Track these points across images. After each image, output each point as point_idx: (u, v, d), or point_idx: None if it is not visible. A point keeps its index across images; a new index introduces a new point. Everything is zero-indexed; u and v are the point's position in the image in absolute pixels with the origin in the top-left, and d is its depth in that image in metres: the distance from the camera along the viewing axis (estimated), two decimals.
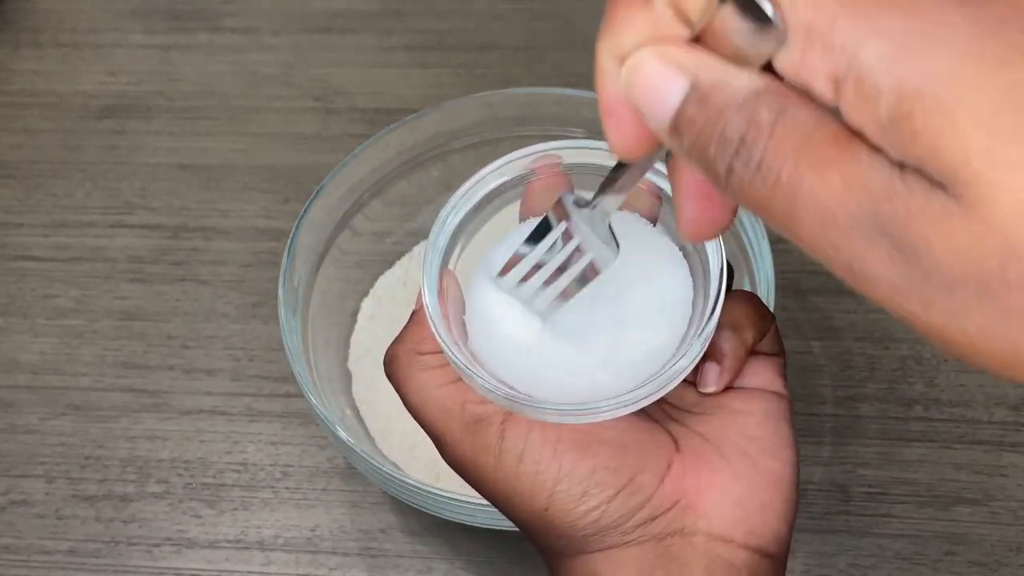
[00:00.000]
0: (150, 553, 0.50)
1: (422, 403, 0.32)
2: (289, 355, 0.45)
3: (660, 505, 0.30)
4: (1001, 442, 0.50)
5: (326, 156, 0.63)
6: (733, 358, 0.32)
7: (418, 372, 0.32)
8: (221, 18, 0.73)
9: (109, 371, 0.56)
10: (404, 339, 0.33)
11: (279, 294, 0.47)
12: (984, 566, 0.47)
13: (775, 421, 0.32)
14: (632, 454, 0.30)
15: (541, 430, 0.30)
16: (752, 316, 0.33)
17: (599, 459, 0.30)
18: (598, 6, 0.76)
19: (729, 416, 0.32)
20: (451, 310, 0.32)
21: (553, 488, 0.30)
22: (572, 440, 0.30)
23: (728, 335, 0.32)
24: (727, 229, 0.25)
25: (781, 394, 0.33)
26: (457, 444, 0.31)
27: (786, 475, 0.31)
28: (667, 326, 0.31)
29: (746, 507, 0.30)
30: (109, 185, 0.64)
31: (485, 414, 0.31)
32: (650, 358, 0.31)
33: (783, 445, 0.32)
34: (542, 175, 0.34)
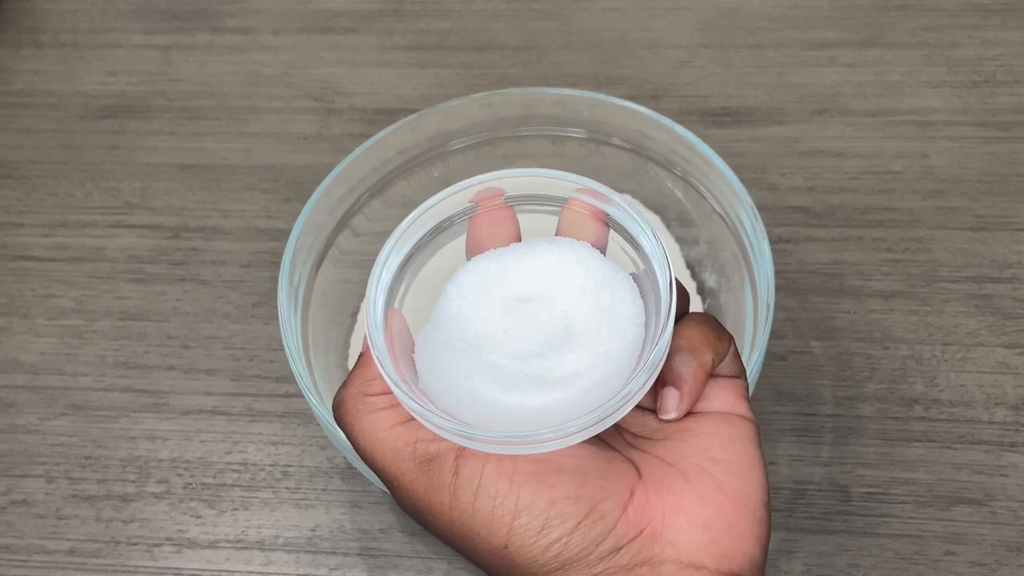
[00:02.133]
0: (150, 553, 0.50)
1: (372, 446, 0.31)
2: (289, 355, 0.45)
3: (625, 534, 0.29)
4: (1001, 442, 0.50)
5: (326, 156, 0.63)
6: (692, 382, 0.31)
7: (367, 415, 0.31)
8: (221, 18, 0.73)
9: (109, 371, 0.56)
10: (351, 382, 0.32)
11: (279, 294, 0.47)
12: (984, 566, 0.47)
13: (741, 442, 0.31)
14: (593, 483, 0.29)
15: (496, 463, 0.29)
16: (709, 337, 0.32)
17: (558, 489, 0.29)
18: (598, 6, 0.76)
19: (692, 440, 0.31)
20: (399, 348, 0.31)
21: (512, 523, 0.29)
22: (529, 472, 0.29)
23: (686, 358, 0.31)
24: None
25: (745, 416, 0.32)
26: (411, 486, 0.30)
27: (754, 495, 0.30)
28: (619, 352, 0.30)
29: (714, 529, 0.29)
30: (109, 185, 0.64)
31: (438, 452, 0.30)
32: (603, 384, 0.30)
33: (750, 466, 0.30)
34: (485, 208, 0.34)
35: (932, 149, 0.61)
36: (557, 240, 0.33)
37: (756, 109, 0.64)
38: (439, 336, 0.31)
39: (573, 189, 0.33)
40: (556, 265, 0.32)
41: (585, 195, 0.33)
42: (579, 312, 0.31)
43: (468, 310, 0.32)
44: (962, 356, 0.53)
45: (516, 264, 0.32)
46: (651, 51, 0.68)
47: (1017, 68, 0.65)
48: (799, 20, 0.69)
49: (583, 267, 0.32)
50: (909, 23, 0.68)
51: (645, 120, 0.52)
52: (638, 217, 0.32)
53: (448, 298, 0.32)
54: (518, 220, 0.34)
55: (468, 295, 0.32)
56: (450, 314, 0.32)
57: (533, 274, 0.32)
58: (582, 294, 0.31)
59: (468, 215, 0.34)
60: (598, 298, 0.31)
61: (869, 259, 0.57)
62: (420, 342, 0.32)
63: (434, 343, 0.31)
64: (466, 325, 0.31)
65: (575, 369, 0.30)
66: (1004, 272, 0.56)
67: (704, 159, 0.50)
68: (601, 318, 0.31)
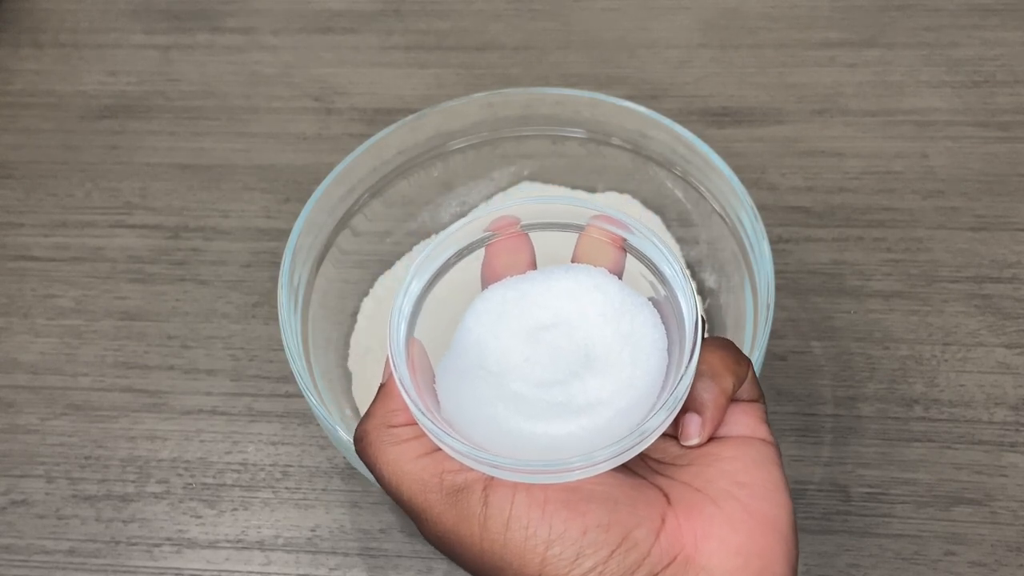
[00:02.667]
0: (150, 553, 0.50)
1: (398, 478, 0.30)
2: (289, 355, 0.45)
3: (659, 561, 0.29)
4: (1001, 442, 0.50)
5: (326, 156, 0.63)
6: (714, 407, 0.31)
7: (391, 447, 0.31)
8: (221, 18, 0.73)
9: (109, 371, 0.56)
10: (373, 414, 0.32)
11: (279, 294, 0.47)
12: (984, 566, 0.47)
13: (765, 466, 0.31)
14: (624, 510, 0.29)
15: (527, 492, 0.29)
16: (729, 363, 0.32)
17: (590, 518, 0.29)
18: (598, 6, 0.76)
19: (717, 464, 0.31)
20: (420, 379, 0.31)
21: (545, 552, 0.28)
22: (560, 500, 0.29)
23: (707, 384, 0.31)
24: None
25: (767, 440, 0.32)
26: (439, 518, 0.30)
27: (782, 518, 0.30)
28: (642, 378, 0.30)
29: (745, 554, 0.29)
30: (109, 185, 0.64)
31: (466, 482, 0.29)
32: (627, 412, 0.30)
33: (775, 489, 0.31)
34: (502, 236, 0.34)
35: (932, 149, 0.61)
36: (574, 267, 0.33)
37: (756, 109, 0.64)
38: (460, 366, 0.31)
39: (589, 216, 0.33)
40: (574, 292, 0.32)
41: (602, 221, 0.33)
42: (600, 338, 0.31)
43: (488, 339, 0.32)
44: (962, 356, 0.53)
45: (534, 291, 0.32)
46: (651, 51, 0.68)
47: (1017, 68, 0.65)
48: (799, 20, 0.69)
49: (602, 293, 0.32)
50: (909, 23, 0.68)
51: (645, 120, 0.52)
52: (659, 243, 0.32)
53: (467, 327, 0.32)
54: (534, 248, 0.34)
55: (487, 324, 0.32)
56: (470, 343, 0.32)
57: (552, 301, 0.32)
58: (602, 320, 0.31)
59: (485, 243, 0.34)
60: (618, 324, 0.31)
61: (869, 259, 0.57)
62: (441, 372, 0.32)
63: (455, 373, 0.31)
64: (487, 354, 0.31)
65: (598, 396, 0.30)
66: (1004, 272, 0.56)
67: (704, 159, 0.50)
68: (623, 344, 0.31)
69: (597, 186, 0.57)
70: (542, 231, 0.34)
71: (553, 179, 0.57)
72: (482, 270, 0.34)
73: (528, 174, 0.57)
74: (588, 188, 0.57)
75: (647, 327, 0.31)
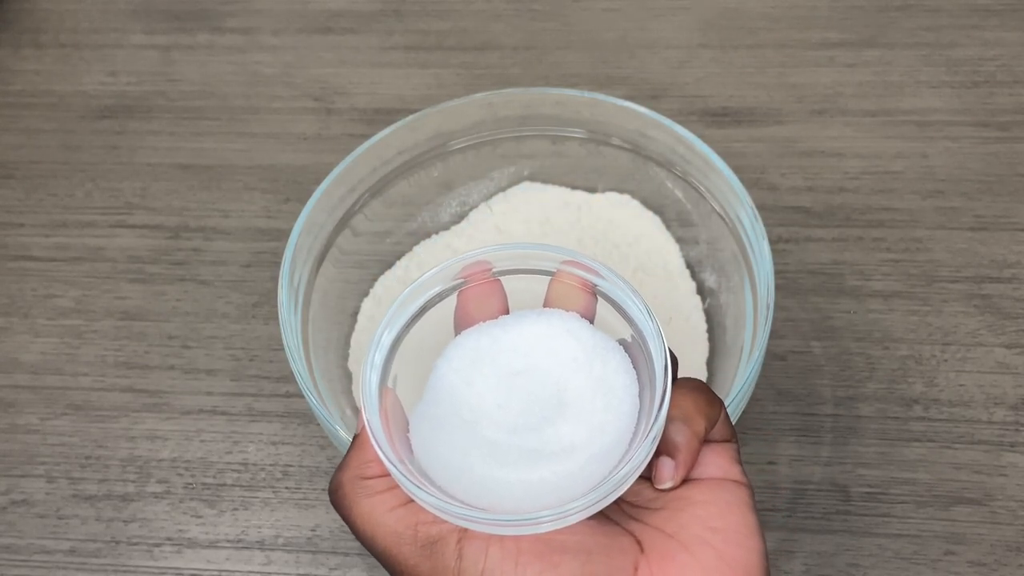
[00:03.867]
0: (150, 553, 0.50)
1: (372, 530, 0.30)
2: (289, 355, 0.45)
3: None
4: (1001, 442, 0.50)
5: (326, 156, 0.63)
6: (687, 450, 0.31)
7: (365, 498, 0.31)
8: (221, 18, 0.73)
9: (109, 371, 0.56)
10: (347, 465, 0.32)
11: (279, 294, 0.47)
12: (984, 566, 0.47)
13: (738, 509, 0.31)
14: (598, 560, 0.29)
15: (500, 544, 0.29)
16: (701, 405, 0.32)
17: (563, 569, 0.29)
18: (598, 6, 0.76)
19: (690, 509, 0.31)
20: (394, 428, 0.31)
21: None
22: (533, 551, 0.29)
23: (679, 427, 0.31)
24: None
25: (740, 481, 0.32)
26: (414, 570, 0.30)
27: (755, 563, 0.30)
28: (614, 422, 0.30)
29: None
30: (109, 185, 0.64)
31: (440, 534, 0.30)
32: (600, 457, 0.30)
33: (748, 534, 0.30)
34: (474, 282, 0.34)
35: (932, 149, 0.61)
36: (546, 312, 0.33)
37: (756, 109, 0.64)
38: (433, 413, 0.31)
39: (559, 261, 0.33)
40: (546, 337, 0.32)
41: (572, 267, 0.33)
42: (572, 383, 0.31)
43: (461, 385, 0.31)
44: (962, 356, 0.53)
45: (506, 337, 0.32)
46: (651, 51, 0.68)
47: (1017, 68, 0.65)
48: (799, 20, 0.69)
49: (574, 338, 0.32)
50: (909, 23, 0.68)
51: (645, 120, 0.52)
52: (627, 288, 0.32)
53: (440, 374, 0.32)
54: (506, 293, 0.34)
55: (460, 370, 0.32)
56: (443, 390, 0.32)
57: (524, 346, 0.32)
58: (574, 365, 0.31)
59: (456, 290, 0.34)
60: (590, 369, 0.31)
61: (869, 259, 0.57)
62: (415, 420, 0.32)
63: (429, 421, 0.31)
64: (460, 401, 0.31)
65: (571, 441, 0.30)
66: (1004, 272, 0.56)
67: (704, 159, 0.50)
68: (595, 389, 0.31)
69: (597, 186, 0.57)
70: (514, 276, 0.34)
71: (553, 179, 0.57)
72: (455, 316, 0.34)
73: (528, 174, 0.57)
74: (588, 188, 0.57)
75: (619, 372, 0.31)
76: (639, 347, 0.32)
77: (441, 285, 0.34)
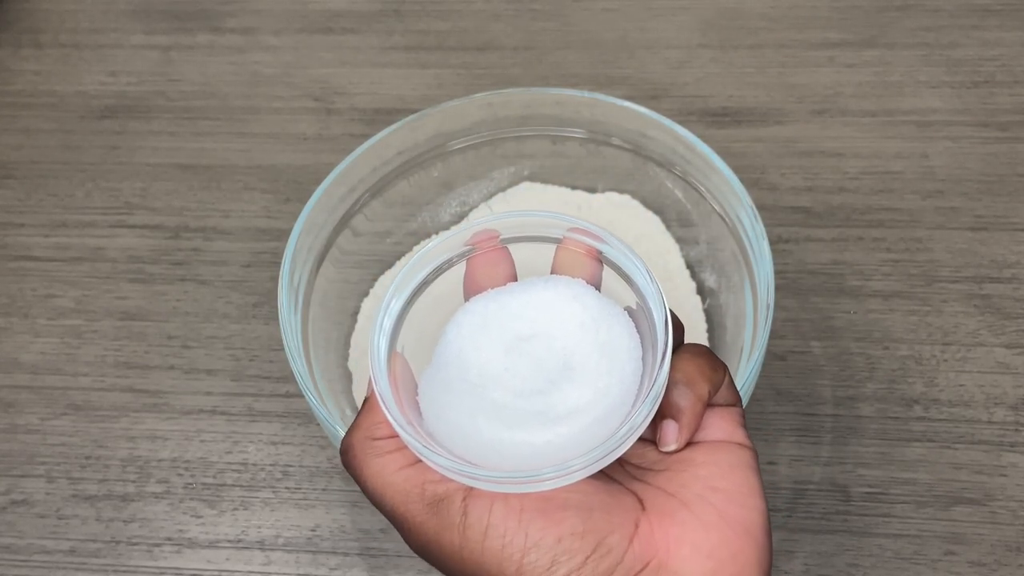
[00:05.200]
0: (150, 553, 0.50)
1: (381, 489, 0.31)
2: (289, 355, 0.45)
3: (632, 567, 0.29)
4: (1001, 442, 0.50)
5: (326, 156, 0.63)
6: (690, 413, 0.31)
7: (374, 458, 0.32)
8: (221, 18, 0.73)
9: (110, 371, 0.56)
10: (358, 427, 0.33)
11: (279, 294, 0.47)
12: (984, 566, 0.47)
13: (741, 471, 0.31)
14: (599, 517, 0.30)
15: (504, 501, 0.30)
16: (704, 369, 0.32)
17: (565, 525, 0.29)
18: (598, 6, 0.76)
19: (692, 469, 0.31)
20: (403, 392, 0.32)
21: (521, 560, 0.29)
22: (536, 509, 0.30)
23: (683, 391, 0.31)
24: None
25: (744, 444, 0.32)
26: (420, 527, 0.31)
27: (756, 522, 0.31)
28: (618, 385, 0.31)
29: (718, 559, 0.30)
30: (109, 185, 0.64)
31: (446, 493, 0.30)
32: (603, 420, 0.30)
33: (750, 493, 0.31)
34: (482, 250, 0.34)
35: (932, 149, 0.61)
36: (553, 278, 0.33)
37: (756, 109, 0.64)
38: (442, 377, 0.32)
39: (566, 228, 0.34)
40: (553, 303, 0.33)
41: (578, 234, 0.34)
42: (578, 348, 0.32)
43: (469, 350, 0.32)
44: (962, 356, 0.53)
45: (514, 303, 0.33)
46: (651, 51, 0.68)
47: (1017, 68, 0.65)
48: (799, 20, 0.69)
49: (579, 304, 0.32)
50: (909, 23, 0.68)
51: (645, 120, 0.52)
52: (631, 254, 0.33)
53: (448, 339, 0.33)
54: (514, 260, 0.35)
55: (468, 335, 0.32)
56: (451, 355, 0.32)
57: (531, 312, 0.33)
58: (580, 330, 0.32)
59: (465, 257, 0.34)
60: (596, 333, 0.32)
61: (869, 259, 0.57)
62: (423, 384, 0.32)
63: (437, 384, 0.32)
64: (468, 365, 0.32)
65: (576, 404, 0.31)
66: (1004, 272, 0.56)
67: (704, 159, 0.50)
68: (600, 353, 0.31)
69: (597, 186, 0.57)
70: (521, 244, 0.35)
71: (553, 179, 0.57)
72: (464, 283, 0.35)
73: (528, 174, 0.57)
74: (588, 188, 0.57)
75: (623, 336, 0.32)
76: (644, 314, 0.32)
77: (449, 253, 0.34)
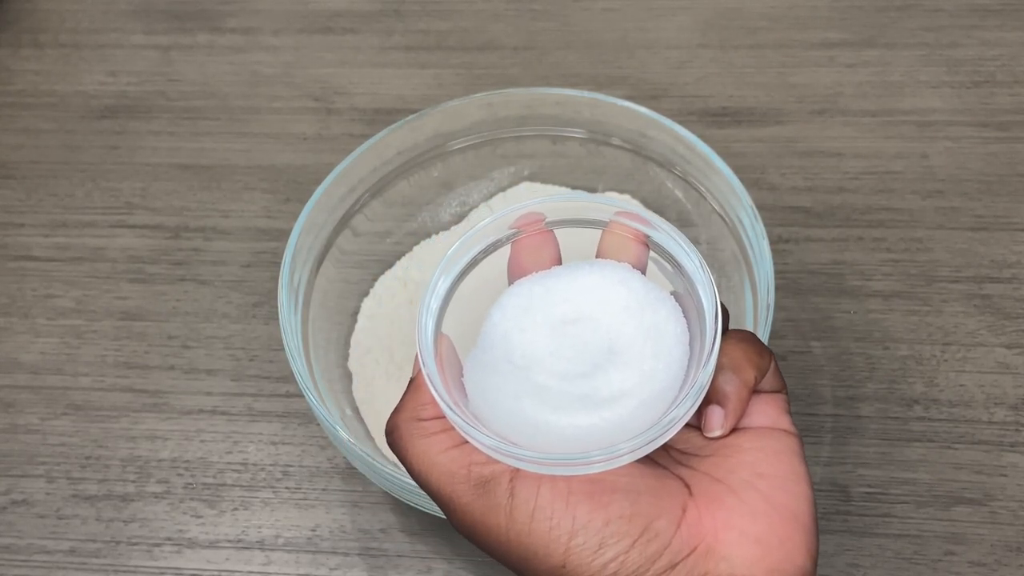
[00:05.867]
0: (150, 553, 0.50)
1: (427, 470, 0.31)
2: (289, 355, 0.45)
3: (679, 551, 0.29)
4: (1001, 442, 0.50)
5: (326, 156, 0.63)
6: (736, 400, 0.31)
7: (420, 439, 0.32)
8: (221, 18, 0.73)
9: (109, 371, 0.56)
10: (404, 407, 0.33)
11: (279, 294, 0.47)
12: (984, 566, 0.47)
13: (786, 457, 0.31)
14: (646, 501, 0.30)
15: (551, 484, 0.30)
16: (751, 355, 0.32)
17: (612, 508, 0.29)
18: (598, 6, 0.76)
19: (738, 455, 0.31)
20: (448, 373, 0.32)
21: (568, 543, 0.29)
22: (583, 491, 0.30)
23: (729, 377, 0.31)
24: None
25: (789, 431, 0.32)
26: (467, 508, 0.31)
27: (803, 509, 0.30)
28: (664, 370, 0.31)
29: (766, 544, 0.30)
30: (109, 185, 0.64)
31: (493, 474, 0.30)
32: (650, 404, 0.30)
33: (796, 480, 0.31)
34: (527, 232, 0.34)
35: (932, 149, 0.61)
36: (599, 262, 0.33)
37: (756, 109, 0.64)
38: (487, 359, 0.32)
39: (612, 212, 0.34)
40: (599, 286, 0.32)
41: (625, 218, 0.34)
42: (623, 332, 0.32)
43: (514, 333, 0.32)
44: (962, 356, 0.53)
45: (559, 286, 0.33)
46: (651, 51, 0.68)
47: (1017, 68, 0.65)
48: (799, 20, 0.69)
49: (625, 288, 0.32)
50: (909, 23, 0.68)
51: (645, 120, 0.52)
52: (680, 239, 0.33)
53: (494, 322, 0.33)
54: (559, 244, 0.34)
55: (513, 318, 0.32)
56: (497, 337, 0.32)
57: (577, 295, 0.32)
58: (626, 314, 0.32)
59: (511, 240, 0.34)
60: (641, 318, 0.32)
61: (869, 259, 0.57)
62: (468, 366, 0.32)
63: (482, 367, 0.32)
64: (513, 348, 0.32)
65: (621, 388, 0.30)
66: (1004, 272, 0.56)
67: (704, 159, 0.50)
68: (645, 337, 0.31)
69: (597, 186, 0.57)
70: (566, 228, 0.34)
71: (553, 179, 0.57)
72: (509, 266, 0.34)
73: (528, 174, 0.57)
74: (588, 188, 0.57)
75: (669, 321, 0.32)
76: (690, 298, 0.32)
77: (495, 235, 0.34)
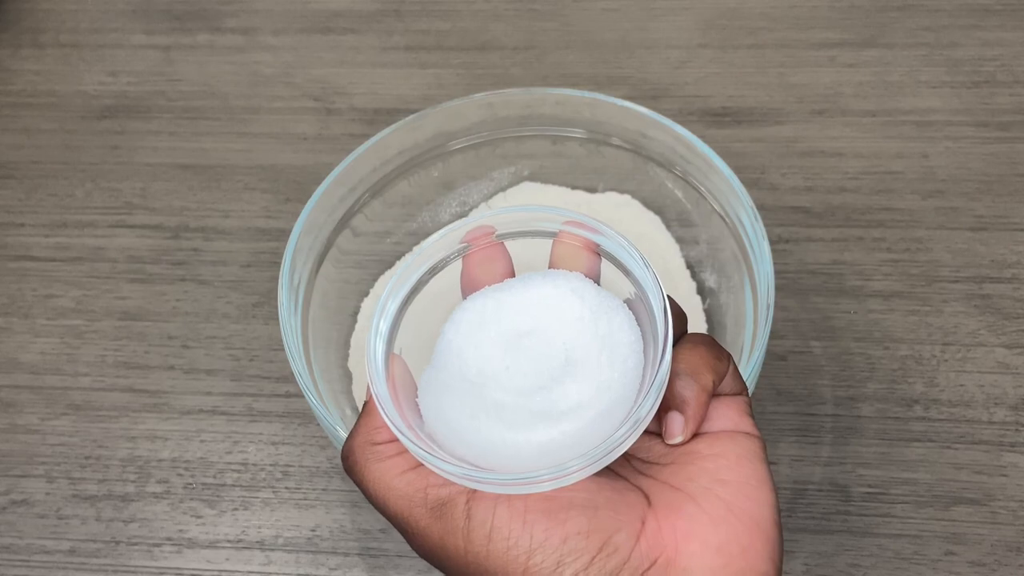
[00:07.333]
0: (150, 553, 0.50)
1: (384, 494, 0.31)
2: (289, 355, 0.45)
3: (639, 565, 0.29)
4: (1001, 442, 0.50)
5: (326, 156, 0.63)
6: (696, 404, 0.31)
7: (376, 463, 0.31)
8: (221, 18, 0.73)
9: (110, 371, 0.56)
10: (358, 432, 0.32)
11: (279, 294, 0.47)
12: (984, 566, 0.47)
13: (748, 461, 0.31)
14: (604, 515, 0.29)
15: (507, 503, 0.29)
16: (708, 359, 0.32)
17: (570, 525, 0.29)
18: (598, 6, 0.76)
19: (698, 462, 0.31)
20: (402, 394, 0.31)
21: (527, 562, 0.29)
22: (540, 509, 0.29)
23: (687, 381, 0.31)
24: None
25: (751, 433, 0.32)
26: (425, 531, 0.30)
27: (765, 515, 0.30)
28: (619, 379, 0.30)
29: (727, 553, 0.29)
30: (109, 185, 0.64)
31: (449, 496, 0.30)
32: (607, 415, 0.30)
33: (758, 485, 0.30)
34: (478, 247, 0.34)
35: (932, 149, 0.61)
36: (551, 273, 0.33)
37: (756, 109, 0.64)
38: (441, 378, 0.31)
39: (562, 221, 0.33)
40: (552, 297, 0.32)
41: (574, 227, 0.33)
42: (578, 342, 0.31)
43: (468, 349, 0.32)
44: (962, 356, 0.53)
45: (512, 299, 0.32)
46: (651, 51, 0.68)
47: (1017, 68, 0.65)
48: (799, 20, 0.69)
49: (578, 297, 0.32)
50: (909, 23, 0.68)
51: (645, 120, 0.52)
52: (627, 245, 0.32)
53: (447, 339, 0.32)
54: (510, 256, 0.34)
55: (467, 334, 0.32)
56: (450, 355, 0.32)
57: (530, 308, 0.32)
58: (580, 324, 0.31)
59: (461, 255, 0.34)
60: (595, 327, 0.31)
61: (869, 259, 0.57)
62: (423, 385, 0.32)
63: (437, 385, 0.31)
64: (467, 364, 0.31)
65: (578, 400, 0.30)
66: (1004, 272, 0.56)
67: (704, 159, 0.50)
68: (600, 347, 0.31)
69: (597, 186, 0.57)
70: (517, 239, 0.34)
71: (553, 179, 0.57)
72: (461, 281, 0.34)
73: (528, 174, 0.57)
74: (588, 188, 0.57)
75: (624, 329, 0.31)
76: (643, 304, 0.32)
77: (445, 251, 0.34)
